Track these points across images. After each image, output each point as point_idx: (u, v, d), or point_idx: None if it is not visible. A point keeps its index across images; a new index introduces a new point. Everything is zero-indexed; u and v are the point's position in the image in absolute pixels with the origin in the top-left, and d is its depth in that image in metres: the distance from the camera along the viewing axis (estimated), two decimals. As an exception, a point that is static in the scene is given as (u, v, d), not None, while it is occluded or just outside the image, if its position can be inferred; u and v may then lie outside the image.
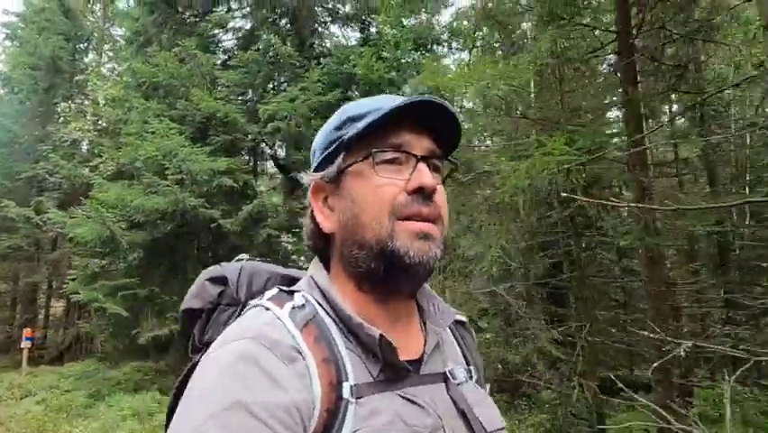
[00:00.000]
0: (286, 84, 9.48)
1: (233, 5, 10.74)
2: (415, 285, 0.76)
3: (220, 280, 0.85)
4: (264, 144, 8.98)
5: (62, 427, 6.81)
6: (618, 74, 5.26)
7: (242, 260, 0.90)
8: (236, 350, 0.62)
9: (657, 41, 5.27)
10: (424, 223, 0.70)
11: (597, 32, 5.44)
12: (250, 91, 9.81)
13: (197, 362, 0.67)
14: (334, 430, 0.61)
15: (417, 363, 0.73)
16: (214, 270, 0.88)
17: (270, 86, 9.82)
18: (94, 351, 13.30)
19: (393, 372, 0.68)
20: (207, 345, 0.71)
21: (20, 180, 15.19)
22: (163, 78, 9.77)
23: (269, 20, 9.93)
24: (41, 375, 10.81)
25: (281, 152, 10.54)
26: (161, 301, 8.33)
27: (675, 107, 9.48)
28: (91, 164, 13.56)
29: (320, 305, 0.71)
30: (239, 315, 0.77)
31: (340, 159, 0.73)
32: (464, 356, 0.83)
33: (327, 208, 0.76)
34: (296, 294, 0.72)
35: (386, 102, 0.72)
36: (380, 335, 0.66)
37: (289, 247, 8.86)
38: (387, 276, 0.71)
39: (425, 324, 0.79)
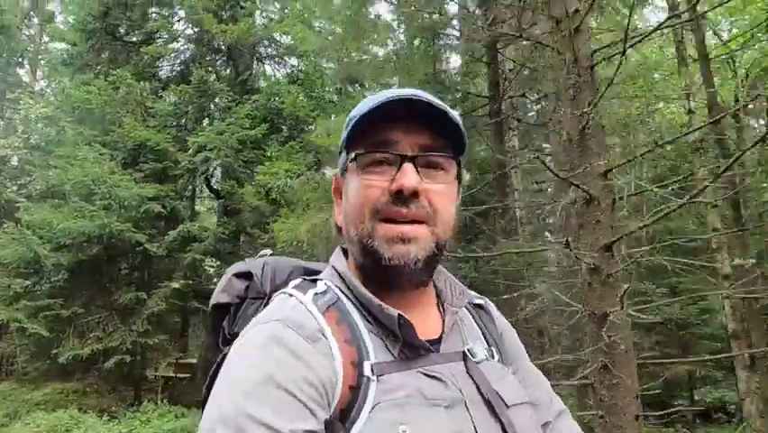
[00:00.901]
0: (218, 114, 10.10)
1: (172, 36, 11.26)
2: (405, 282, 0.75)
3: (245, 276, 0.88)
4: (198, 171, 9.50)
5: None
6: (480, 133, 6.30)
7: (264, 255, 0.94)
8: (265, 332, 0.66)
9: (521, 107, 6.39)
10: (404, 225, 0.71)
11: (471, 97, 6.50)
12: (183, 120, 10.33)
13: (226, 354, 0.70)
14: (357, 406, 0.64)
15: (437, 342, 0.75)
16: (239, 266, 0.91)
17: (203, 116, 10.39)
18: (13, 372, 13.06)
19: (412, 350, 0.71)
20: (236, 335, 0.74)
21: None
22: (96, 105, 10.14)
23: (206, 55, 10.55)
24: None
25: (218, 175, 11.06)
26: (85, 322, 8.61)
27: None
28: (20, 182, 13.60)
29: (341, 291, 0.75)
30: (266, 306, 0.78)
31: (342, 158, 0.78)
32: (485, 338, 0.84)
33: (339, 202, 0.81)
34: (318, 282, 0.76)
35: (376, 98, 0.73)
36: (399, 314, 0.68)
37: (212, 271, 9.36)
38: (375, 271, 0.73)
39: (443, 305, 0.81)
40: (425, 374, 0.69)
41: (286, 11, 10.88)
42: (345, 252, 0.81)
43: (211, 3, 9.98)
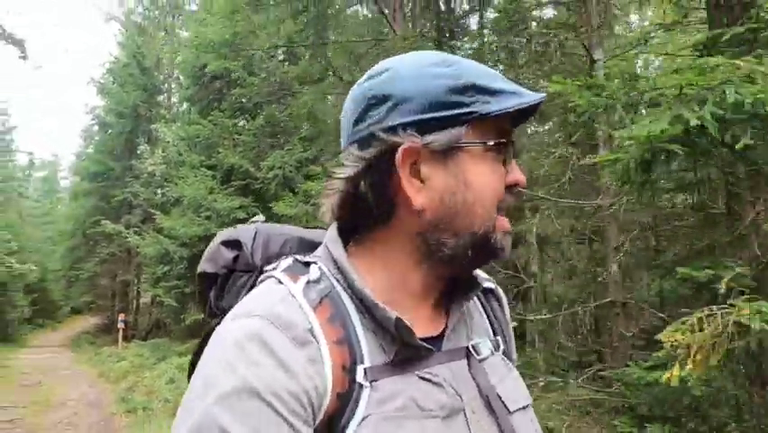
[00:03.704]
0: (283, 141, 13.18)
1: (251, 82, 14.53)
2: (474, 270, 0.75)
3: (234, 244, 0.79)
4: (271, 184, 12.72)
5: (139, 374, 11.05)
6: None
7: (256, 222, 0.83)
8: (246, 329, 0.58)
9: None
10: (507, 219, 0.70)
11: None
12: (260, 145, 13.58)
13: (213, 328, 0.65)
14: (346, 416, 0.58)
15: (439, 339, 0.69)
16: (228, 233, 0.82)
17: (273, 142, 13.54)
18: (158, 332, 17.94)
19: (411, 352, 0.64)
20: (223, 310, 0.68)
21: (114, 202, 20.14)
22: (202, 136, 13.79)
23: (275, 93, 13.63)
24: (131, 348, 15.38)
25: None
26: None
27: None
28: (161, 190, 18.23)
29: (335, 278, 0.67)
30: (254, 281, 0.73)
31: (461, 132, 0.64)
32: (492, 327, 0.80)
33: (416, 179, 0.66)
34: (312, 266, 0.67)
35: (505, 82, 0.67)
36: (397, 317, 0.62)
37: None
38: (475, 263, 0.70)
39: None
40: (422, 378, 0.64)
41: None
42: (341, 232, 0.71)
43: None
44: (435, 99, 0.64)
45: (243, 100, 13.75)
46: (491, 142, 0.66)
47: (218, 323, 0.64)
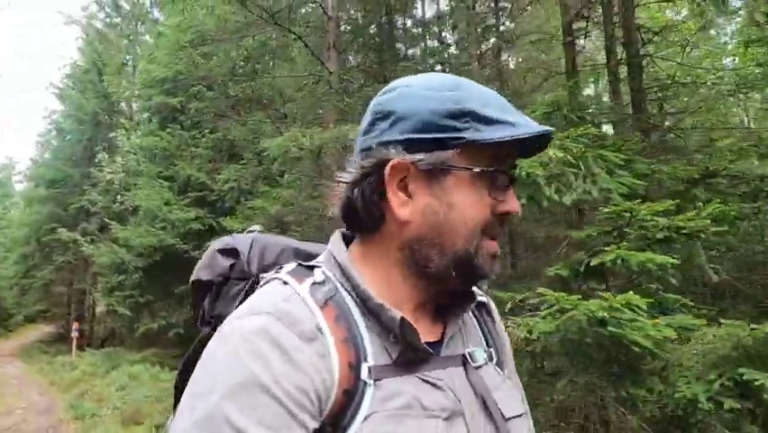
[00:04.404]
0: (239, 156, 13.61)
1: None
2: (470, 291, 0.77)
3: (231, 253, 0.81)
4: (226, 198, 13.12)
5: (90, 382, 11.25)
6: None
7: (253, 231, 0.86)
8: (253, 325, 0.60)
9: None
10: (496, 244, 0.71)
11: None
12: (217, 159, 13.96)
13: (207, 335, 0.65)
14: (351, 412, 0.60)
15: (438, 344, 0.71)
16: (225, 241, 0.84)
17: (230, 154, 13.96)
18: (124, 340, 17.97)
19: (413, 354, 0.66)
20: (217, 318, 0.71)
21: (70, 210, 20.01)
22: (160, 148, 14.09)
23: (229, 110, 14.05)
24: (84, 357, 15.40)
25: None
26: (154, 306, 12.62)
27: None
28: (119, 199, 18.30)
29: (339, 282, 0.69)
30: (249, 289, 0.75)
31: (449, 155, 0.67)
32: (485, 338, 0.81)
33: (404, 194, 0.69)
34: (316, 269, 0.69)
35: (505, 112, 0.68)
36: (401, 317, 0.64)
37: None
38: (457, 283, 0.71)
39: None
40: (424, 381, 0.66)
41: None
42: (345, 238, 0.75)
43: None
44: (429, 121, 0.67)
45: (202, 114, 14.16)
46: (477, 169, 0.67)
47: (212, 330, 0.66)
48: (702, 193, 3.25)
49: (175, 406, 0.68)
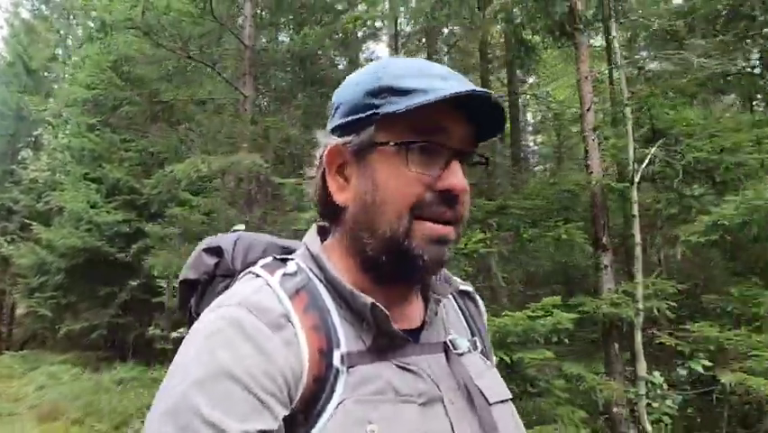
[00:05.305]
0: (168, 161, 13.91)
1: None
2: (421, 280, 0.74)
3: (215, 251, 0.83)
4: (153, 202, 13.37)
5: (8, 383, 11.28)
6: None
7: (238, 230, 0.87)
8: (222, 316, 0.61)
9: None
10: (443, 226, 0.67)
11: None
12: (148, 162, 14.18)
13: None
14: (323, 399, 0.60)
15: (417, 332, 0.72)
16: (210, 240, 0.86)
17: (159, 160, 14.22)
18: (46, 342, 17.59)
19: (388, 340, 0.66)
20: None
21: (-11, 208, 19.30)
22: (88, 150, 14.11)
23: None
24: (2, 359, 15.06)
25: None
26: (77, 307, 12.70)
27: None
28: (44, 198, 17.92)
29: (313, 273, 0.70)
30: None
31: (370, 132, 0.67)
32: (469, 328, 0.82)
33: (341, 178, 0.71)
34: (289, 261, 0.71)
35: (428, 80, 0.65)
36: (372, 303, 0.64)
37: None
38: (394, 269, 0.68)
39: (426, 293, 0.77)
40: (399, 367, 0.65)
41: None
42: (321, 231, 0.77)
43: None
44: (357, 103, 0.68)
45: (130, 119, 14.33)
46: (392, 143, 0.65)
47: None
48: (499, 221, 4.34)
49: None
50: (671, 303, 4.55)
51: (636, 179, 4.52)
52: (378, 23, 9.15)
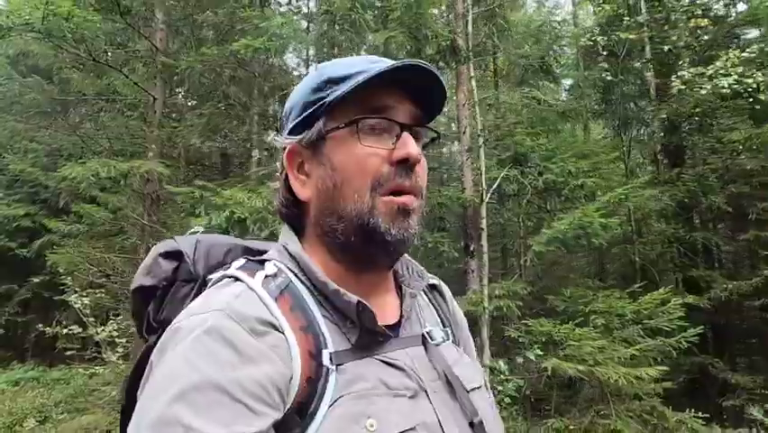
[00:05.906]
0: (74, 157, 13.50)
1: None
2: (393, 259, 0.75)
3: (175, 255, 0.80)
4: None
5: None
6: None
7: (196, 232, 0.85)
8: (202, 323, 0.59)
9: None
10: (406, 196, 0.69)
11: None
12: (57, 153, 13.65)
13: (153, 344, 0.63)
14: (316, 399, 0.60)
15: (395, 327, 0.74)
16: (167, 244, 0.82)
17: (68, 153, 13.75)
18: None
19: (371, 337, 0.68)
20: (164, 324, 0.68)
21: None
22: (-12, 139, 13.36)
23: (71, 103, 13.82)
24: None
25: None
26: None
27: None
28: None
29: (293, 273, 0.70)
30: (198, 291, 0.74)
31: (320, 123, 0.71)
32: (440, 319, 0.84)
33: (303, 175, 0.74)
34: (267, 263, 0.70)
35: (366, 64, 0.70)
36: (358, 301, 0.66)
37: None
38: (365, 250, 0.70)
39: (400, 288, 0.79)
40: (383, 362, 0.68)
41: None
42: (295, 230, 0.77)
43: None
44: (306, 102, 0.73)
45: (37, 107, 13.70)
46: (342, 124, 0.69)
47: (157, 338, 0.63)
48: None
49: (122, 430, 0.68)
50: (518, 303, 5.43)
51: (486, 198, 5.35)
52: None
